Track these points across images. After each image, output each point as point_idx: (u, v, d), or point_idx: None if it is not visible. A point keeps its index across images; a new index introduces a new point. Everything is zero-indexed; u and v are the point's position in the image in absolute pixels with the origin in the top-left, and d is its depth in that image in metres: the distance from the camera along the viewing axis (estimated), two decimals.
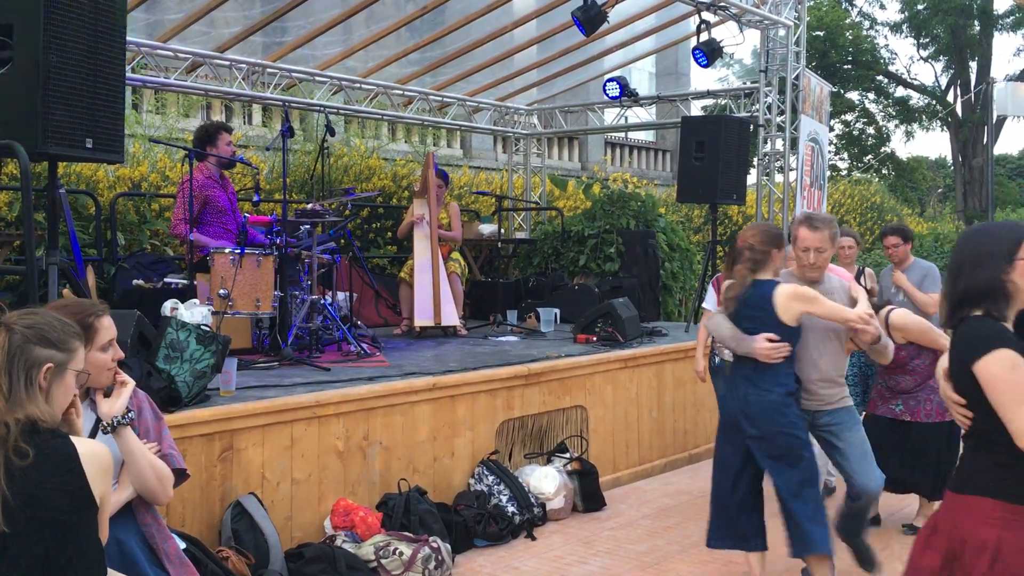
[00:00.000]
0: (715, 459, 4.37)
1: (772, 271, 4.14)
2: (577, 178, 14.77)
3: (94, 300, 2.62)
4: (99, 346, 2.73)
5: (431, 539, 4.53)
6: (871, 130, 28.65)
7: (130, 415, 2.77)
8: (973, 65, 27.19)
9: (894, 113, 28.66)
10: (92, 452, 2.16)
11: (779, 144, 9.17)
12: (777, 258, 4.15)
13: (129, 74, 7.10)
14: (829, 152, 18.63)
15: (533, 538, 5.21)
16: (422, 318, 7.45)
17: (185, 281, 6.07)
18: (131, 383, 2.86)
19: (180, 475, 3.01)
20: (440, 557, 4.48)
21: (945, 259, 13.69)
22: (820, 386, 4.21)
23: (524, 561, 4.87)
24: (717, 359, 5.61)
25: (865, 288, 4.81)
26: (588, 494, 5.79)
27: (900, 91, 28.55)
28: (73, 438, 2.17)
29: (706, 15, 8.37)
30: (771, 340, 4.02)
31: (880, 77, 27.70)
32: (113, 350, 2.79)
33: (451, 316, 7.53)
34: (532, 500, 5.39)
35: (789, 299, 4.04)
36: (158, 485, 2.81)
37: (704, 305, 5.78)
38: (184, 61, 8.16)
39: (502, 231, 10.18)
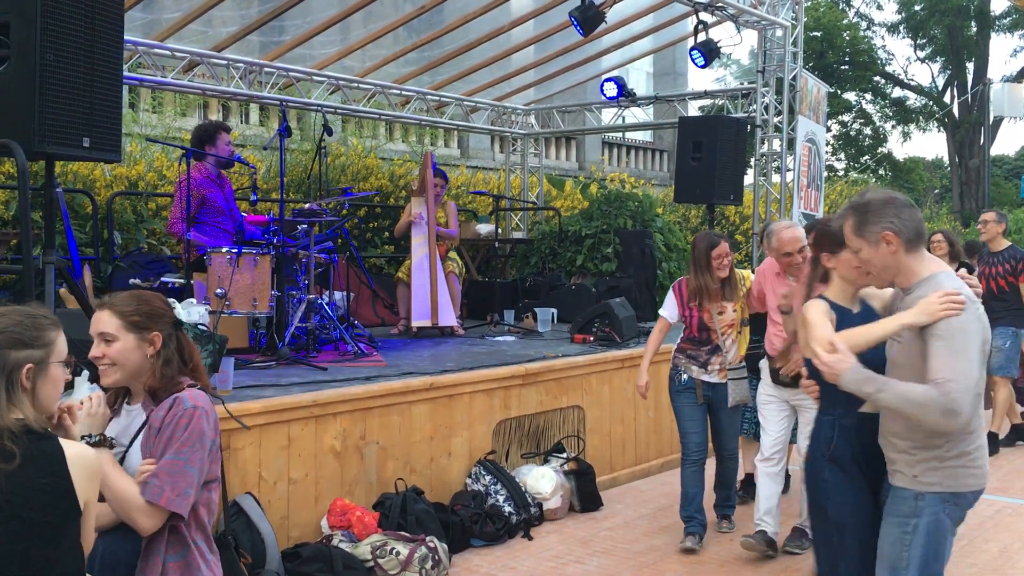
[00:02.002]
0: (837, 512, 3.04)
1: None
2: (574, 178, 14.77)
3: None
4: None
5: (428, 539, 4.53)
6: (868, 131, 28.71)
7: (91, 438, 2.48)
8: (970, 66, 27.23)
9: (891, 114, 28.72)
10: (79, 455, 2.13)
11: (776, 144, 9.18)
12: None
13: (126, 73, 7.08)
14: (826, 152, 18.65)
15: (530, 538, 5.21)
16: (419, 318, 7.46)
17: (182, 280, 6.07)
18: (84, 404, 2.52)
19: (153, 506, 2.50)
20: (437, 557, 4.48)
21: None
22: None
23: (521, 561, 4.87)
24: (684, 376, 5.11)
25: None
26: (585, 494, 5.79)
27: (897, 92, 28.61)
28: (62, 440, 2.13)
29: (704, 15, 8.37)
30: None
31: (877, 78, 27.75)
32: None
33: (448, 316, 7.53)
34: (529, 500, 5.39)
35: None
36: (126, 516, 2.48)
37: (661, 312, 5.25)
38: (181, 60, 8.15)
39: (499, 231, 10.18)
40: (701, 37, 8.59)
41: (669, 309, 5.18)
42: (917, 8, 26.43)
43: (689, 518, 5.12)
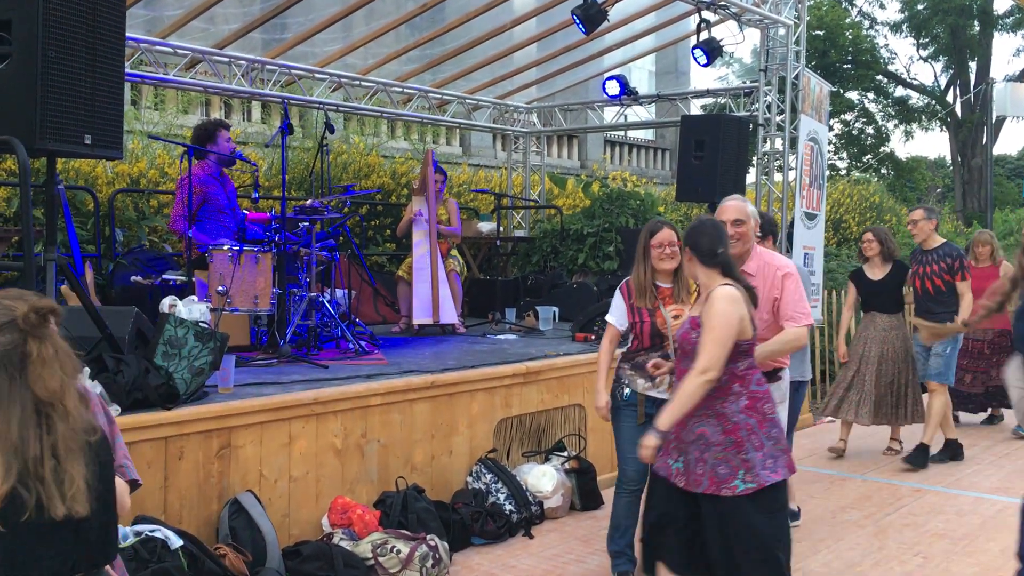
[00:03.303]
0: None
1: None
2: (576, 176, 14.76)
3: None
4: None
5: (429, 537, 4.53)
6: (870, 130, 28.66)
7: None
8: (973, 65, 27.21)
9: (893, 113, 28.68)
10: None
11: (778, 143, 9.16)
12: None
13: (128, 70, 7.08)
14: (828, 152, 18.62)
15: (531, 536, 5.21)
16: (421, 316, 7.46)
17: (184, 278, 6.07)
18: None
19: (131, 484, 2.59)
20: (438, 555, 4.47)
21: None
22: None
23: (521, 559, 4.87)
24: (627, 391, 4.28)
25: None
26: (586, 492, 5.78)
27: (900, 91, 28.57)
28: None
29: (706, 14, 8.36)
30: None
31: (880, 77, 27.71)
32: None
33: (450, 314, 7.53)
34: (530, 498, 5.39)
35: None
36: (120, 501, 2.47)
37: (607, 318, 4.43)
38: (183, 57, 8.14)
39: (501, 229, 10.17)
40: (703, 35, 8.58)
41: (617, 314, 4.34)
42: (920, 7, 26.40)
43: (619, 553, 4.43)
